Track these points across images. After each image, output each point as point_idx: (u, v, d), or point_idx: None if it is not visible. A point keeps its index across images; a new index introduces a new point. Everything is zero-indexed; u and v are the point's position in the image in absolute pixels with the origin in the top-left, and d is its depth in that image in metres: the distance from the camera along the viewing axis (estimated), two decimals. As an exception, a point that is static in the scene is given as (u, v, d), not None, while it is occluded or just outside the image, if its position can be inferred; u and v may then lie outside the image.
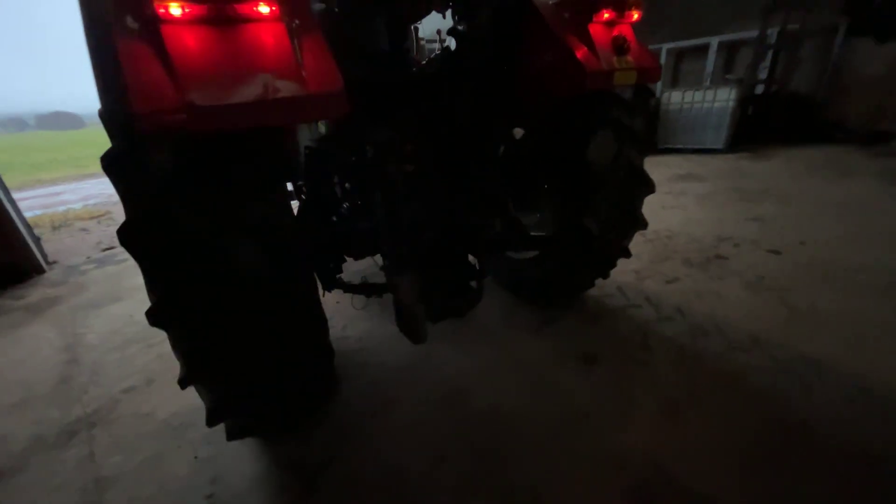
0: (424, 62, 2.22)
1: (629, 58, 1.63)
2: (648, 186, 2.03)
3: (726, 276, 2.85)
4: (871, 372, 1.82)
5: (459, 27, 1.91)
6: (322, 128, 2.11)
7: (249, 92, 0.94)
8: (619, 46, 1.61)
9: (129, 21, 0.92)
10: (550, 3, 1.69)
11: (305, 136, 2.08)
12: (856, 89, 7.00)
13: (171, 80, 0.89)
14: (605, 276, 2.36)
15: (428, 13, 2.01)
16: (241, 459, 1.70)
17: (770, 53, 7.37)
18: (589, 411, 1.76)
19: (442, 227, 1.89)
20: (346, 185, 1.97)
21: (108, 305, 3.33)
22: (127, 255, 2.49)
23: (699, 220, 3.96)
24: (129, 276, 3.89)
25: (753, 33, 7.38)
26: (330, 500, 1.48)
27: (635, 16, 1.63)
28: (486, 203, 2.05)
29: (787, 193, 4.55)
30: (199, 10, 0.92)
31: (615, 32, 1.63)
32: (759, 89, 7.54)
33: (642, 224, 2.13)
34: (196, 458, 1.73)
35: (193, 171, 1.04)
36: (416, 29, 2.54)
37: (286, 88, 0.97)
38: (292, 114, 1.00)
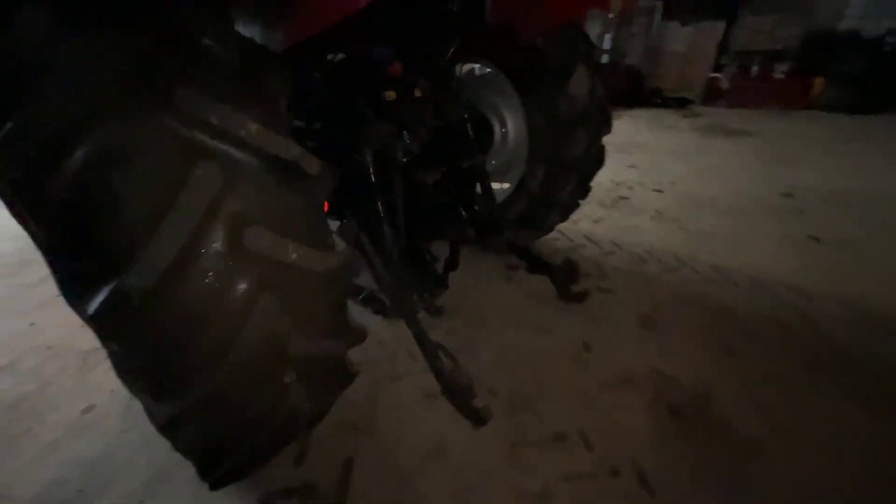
0: None
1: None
2: (609, 125, 2.14)
3: (634, 213, 3.33)
4: (747, 264, 2.41)
5: None
6: None
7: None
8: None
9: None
10: None
11: None
12: (666, 63, 8.83)
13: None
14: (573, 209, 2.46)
15: None
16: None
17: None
18: (592, 340, 1.87)
19: None
20: None
21: None
22: None
23: (593, 169, 4.51)
24: None
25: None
26: None
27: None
28: None
29: (644, 143, 5.55)
30: None
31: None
32: (606, 59, 8.83)
33: (603, 160, 2.26)
34: None
35: None
36: None
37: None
38: None
